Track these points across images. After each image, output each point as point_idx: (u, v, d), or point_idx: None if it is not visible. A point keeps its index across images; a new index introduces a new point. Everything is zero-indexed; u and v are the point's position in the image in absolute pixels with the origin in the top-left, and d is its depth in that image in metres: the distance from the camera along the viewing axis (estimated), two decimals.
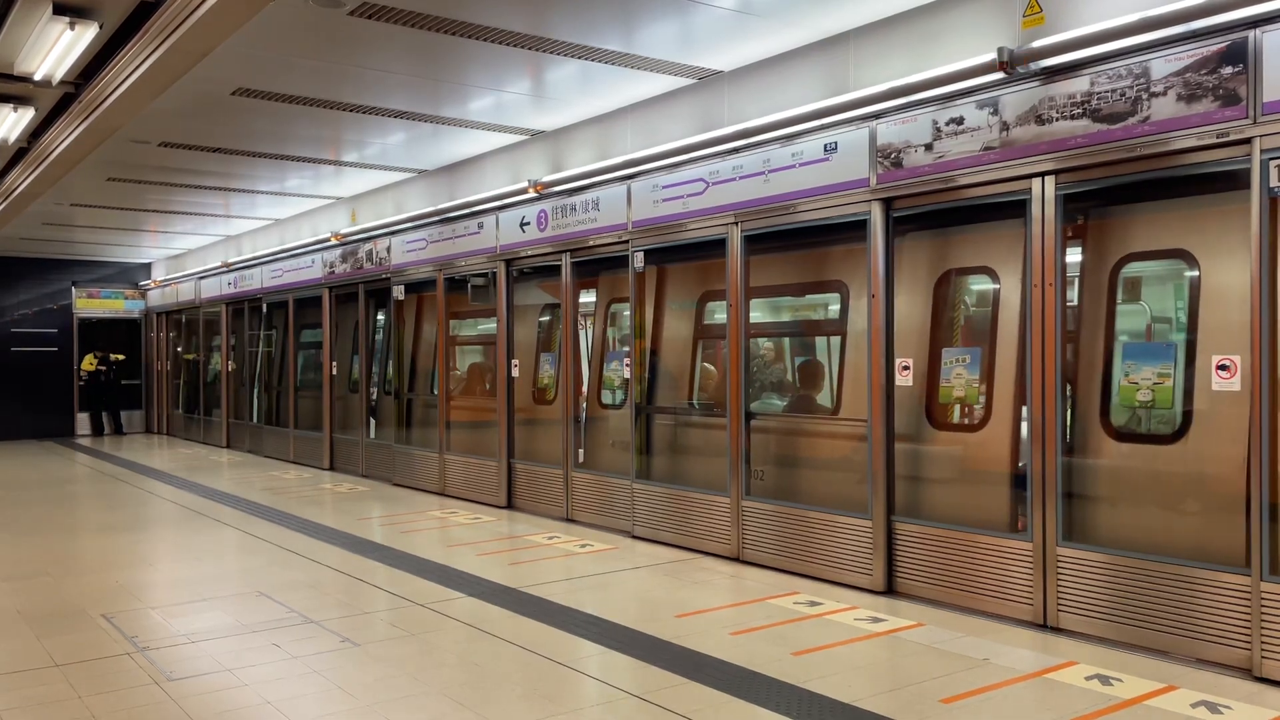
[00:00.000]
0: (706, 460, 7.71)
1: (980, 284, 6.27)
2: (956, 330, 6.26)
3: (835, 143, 6.33)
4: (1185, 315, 5.17)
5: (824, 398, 7.34)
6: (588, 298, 9.34)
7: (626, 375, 8.23)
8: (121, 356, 19.72)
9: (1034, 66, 5.19)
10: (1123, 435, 5.31)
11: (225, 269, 16.58)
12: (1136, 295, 5.55)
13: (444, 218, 10.52)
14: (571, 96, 7.93)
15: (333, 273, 13.18)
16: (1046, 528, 5.27)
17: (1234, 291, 4.82)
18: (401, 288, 11.57)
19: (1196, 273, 5.06)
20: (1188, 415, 5.02)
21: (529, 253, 9.33)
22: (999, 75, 5.31)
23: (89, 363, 19.13)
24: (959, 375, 5.94)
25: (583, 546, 7.69)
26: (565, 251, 8.89)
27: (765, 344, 7.93)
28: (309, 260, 13.82)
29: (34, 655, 5.02)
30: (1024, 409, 5.51)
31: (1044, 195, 5.29)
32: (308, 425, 14.09)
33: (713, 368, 8.20)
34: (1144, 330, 5.44)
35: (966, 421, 6.11)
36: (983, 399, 5.91)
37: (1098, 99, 4.99)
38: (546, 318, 9.87)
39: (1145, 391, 5.10)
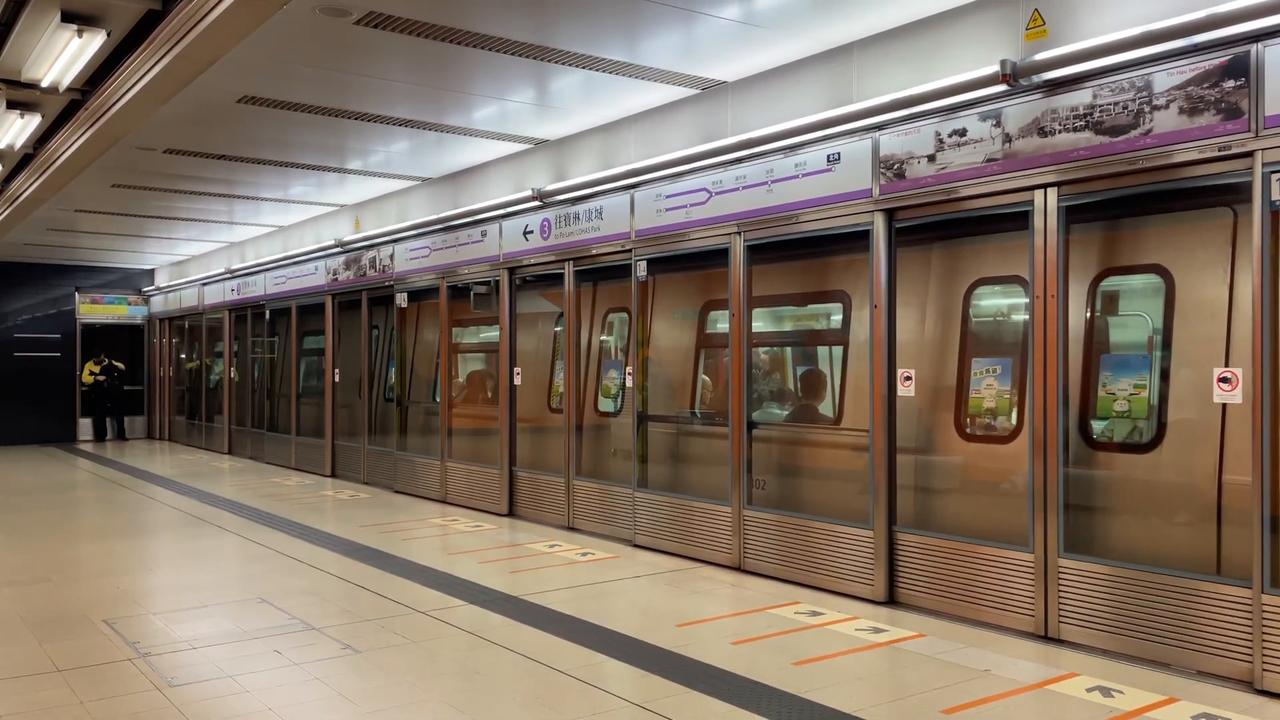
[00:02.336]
0: (708, 469, 7.71)
1: (994, 294, 6.27)
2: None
3: (838, 153, 6.35)
4: (1169, 327, 5.21)
5: (826, 407, 7.34)
6: (591, 307, 9.36)
7: (629, 384, 8.24)
8: (121, 365, 19.68)
9: (1036, 79, 5.21)
10: (1115, 446, 5.32)
11: (229, 275, 16.62)
12: (1131, 308, 5.57)
13: (447, 226, 10.55)
14: (575, 106, 7.96)
15: (336, 280, 13.21)
16: (1048, 539, 5.27)
17: (1220, 304, 4.85)
18: (405, 295, 11.60)
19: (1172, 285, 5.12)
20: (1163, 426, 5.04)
21: (532, 261, 9.36)
22: (1002, 87, 5.33)
23: (89, 371, 19.12)
24: (989, 386, 5.94)
25: (584, 555, 7.69)
26: (568, 260, 8.90)
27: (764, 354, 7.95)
28: (312, 267, 13.85)
29: (36, 660, 5.03)
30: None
31: (1046, 207, 5.30)
32: (309, 432, 14.11)
33: (708, 379, 8.21)
34: (1145, 342, 5.45)
35: (982, 432, 6.12)
36: (1015, 409, 5.93)
37: (1100, 111, 5.01)
38: (560, 328, 9.88)
39: (1122, 402, 5.17)
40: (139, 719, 4.21)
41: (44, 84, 7.55)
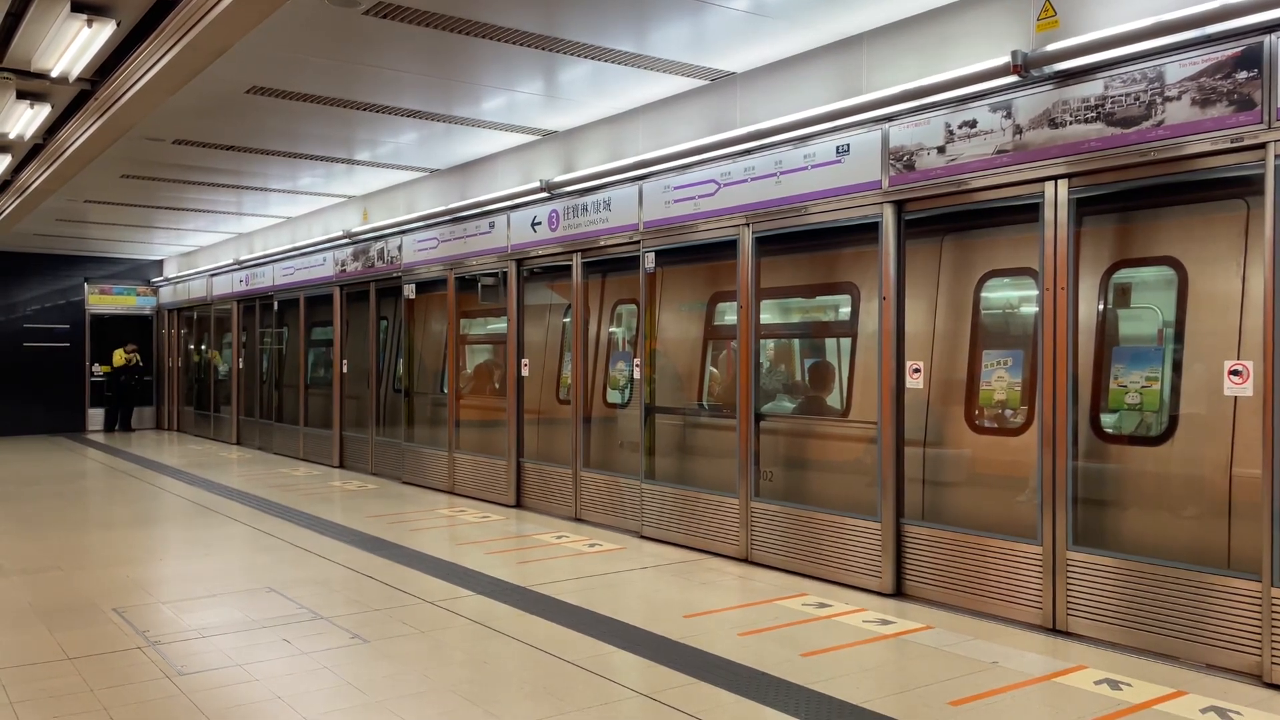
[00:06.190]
0: (716, 461, 7.71)
1: (1005, 287, 6.26)
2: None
3: (848, 145, 6.33)
4: (1181, 320, 5.19)
5: (834, 400, 7.33)
6: (598, 298, 9.35)
7: (637, 376, 8.24)
8: (142, 365, 19.75)
9: (1047, 70, 5.18)
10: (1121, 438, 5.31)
11: (237, 266, 16.64)
12: (1143, 300, 5.56)
13: (455, 217, 10.55)
14: (583, 97, 7.95)
15: (344, 271, 13.22)
16: (1056, 531, 5.26)
17: (1232, 296, 4.82)
18: (413, 287, 11.60)
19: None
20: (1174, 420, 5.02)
21: (540, 253, 9.35)
22: (1012, 78, 5.31)
23: (119, 358, 19.14)
24: (1000, 378, 5.93)
25: (591, 546, 7.70)
26: (576, 252, 8.90)
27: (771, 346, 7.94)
28: (320, 258, 13.86)
29: (46, 648, 5.06)
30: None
31: (1056, 199, 5.28)
32: (317, 423, 14.14)
33: (716, 371, 8.19)
34: (1156, 334, 5.44)
35: (993, 424, 6.11)
36: (1025, 404, 5.92)
37: (1111, 103, 4.99)
38: (568, 319, 9.87)
39: (1133, 394, 5.17)
40: (149, 707, 4.23)
41: (53, 74, 7.55)
